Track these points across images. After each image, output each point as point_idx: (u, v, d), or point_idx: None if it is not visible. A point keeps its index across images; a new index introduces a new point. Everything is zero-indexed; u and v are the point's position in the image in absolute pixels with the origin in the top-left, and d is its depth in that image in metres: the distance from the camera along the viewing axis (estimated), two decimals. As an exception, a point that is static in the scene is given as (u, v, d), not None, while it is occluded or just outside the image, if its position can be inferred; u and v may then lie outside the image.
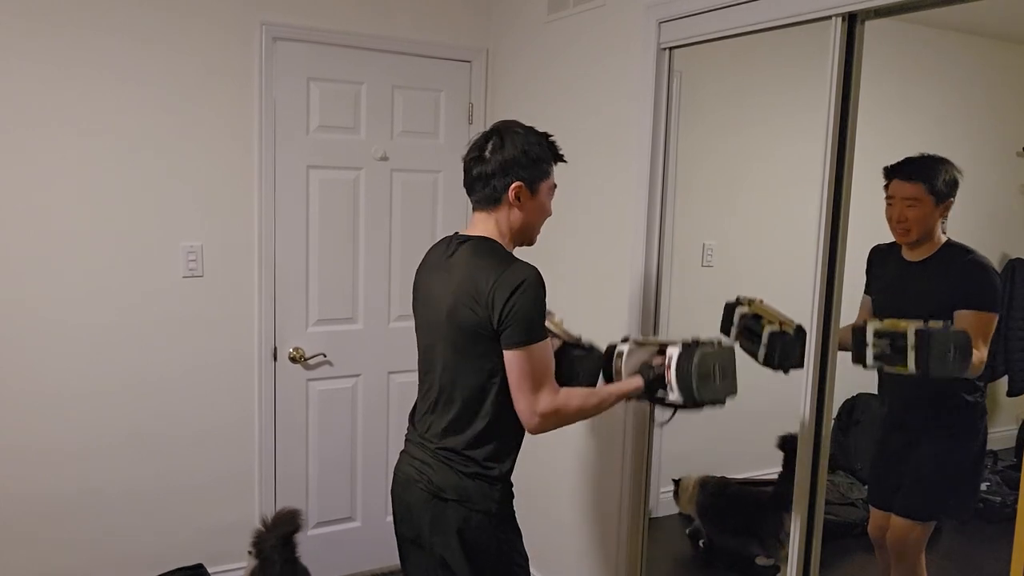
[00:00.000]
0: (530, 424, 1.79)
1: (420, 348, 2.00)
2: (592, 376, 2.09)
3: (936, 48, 2.36)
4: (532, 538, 2.03)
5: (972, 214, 2.28)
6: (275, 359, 3.05)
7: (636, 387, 1.97)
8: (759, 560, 2.66)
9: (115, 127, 2.71)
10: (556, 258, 2.85)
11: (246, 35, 2.86)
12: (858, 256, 2.29)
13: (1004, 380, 2.51)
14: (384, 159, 3.16)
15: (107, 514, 2.84)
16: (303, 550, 2.69)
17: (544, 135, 1.90)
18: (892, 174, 2.21)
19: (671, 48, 2.43)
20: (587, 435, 2.81)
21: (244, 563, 2.76)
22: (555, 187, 1.94)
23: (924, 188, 2.16)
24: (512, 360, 1.76)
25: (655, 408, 2.09)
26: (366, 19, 3.05)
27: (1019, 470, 1.55)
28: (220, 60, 2.83)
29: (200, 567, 2.96)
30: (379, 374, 3.26)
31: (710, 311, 2.67)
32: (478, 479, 1.84)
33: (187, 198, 2.85)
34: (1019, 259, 2.48)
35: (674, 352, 1.93)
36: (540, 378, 1.77)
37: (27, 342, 2.66)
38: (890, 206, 2.22)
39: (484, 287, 1.75)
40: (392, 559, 3.26)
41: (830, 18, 1.90)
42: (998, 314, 2.12)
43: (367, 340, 3.22)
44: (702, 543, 2.84)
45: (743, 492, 2.74)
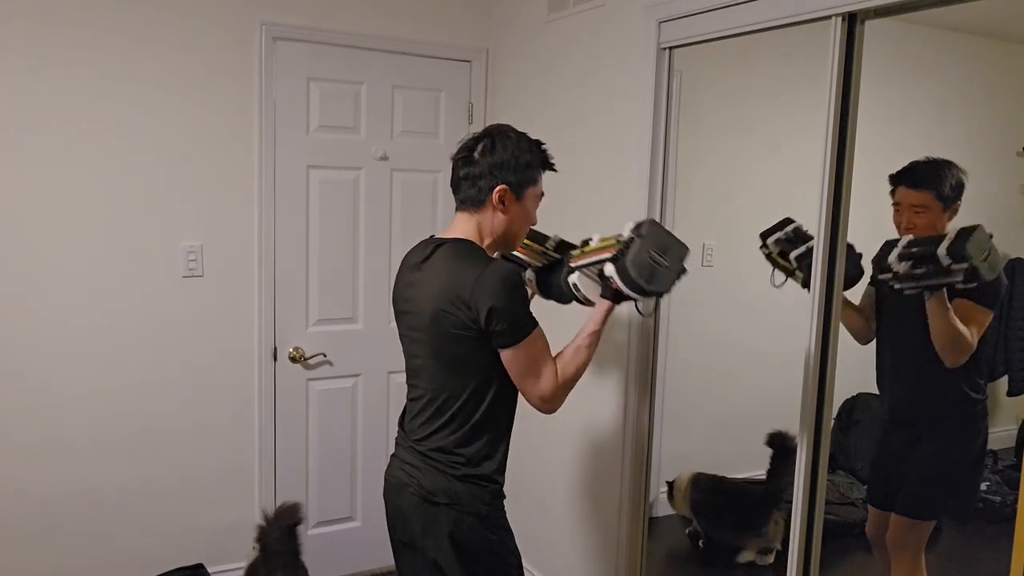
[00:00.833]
0: (542, 409, 1.85)
1: (405, 354, 1.99)
2: (562, 296, 2.11)
3: (936, 48, 2.36)
4: (533, 538, 2.03)
5: (972, 214, 2.27)
6: (275, 359, 3.05)
7: (607, 310, 1.96)
8: (740, 557, 2.67)
9: (115, 127, 2.71)
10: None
11: (246, 35, 2.86)
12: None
13: (1004, 380, 2.51)
14: (384, 159, 3.16)
15: (107, 514, 2.84)
16: (303, 550, 2.70)
17: (536, 143, 1.90)
18: (898, 181, 2.19)
19: (671, 48, 2.43)
20: (587, 435, 2.81)
21: (244, 563, 2.76)
22: (542, 195, 1.93)
23: (932, 195, 2.13)
24: (509, 358, 1.79)
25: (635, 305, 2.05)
26: (366, 19, 3.05)
27: (1019, 470, 1.55)
28: (220, 60, 2.83)
29: (200, 567, 2.96)
30: (379, 374, 3.26)
31: (710, 311, 2.68)
32: (468, 481, 1.84)
33: (187, 198, 2.85)
34: (1019, 259, 2.47)
35: (611, 271, 1.89)
36: (539, 367, 1.81)
37: (27, 342, 2.66)
38: (897, 212, 2.20)
39: (465, 290, 1.75)
40: (391, 559, 3.27)
41: (830, 18, 1.90)
42: (993, 314, 2.11)
43: (367, 340, 3.22)
44: (701, 543, 2.84)
45: (736, 488, 2.75)
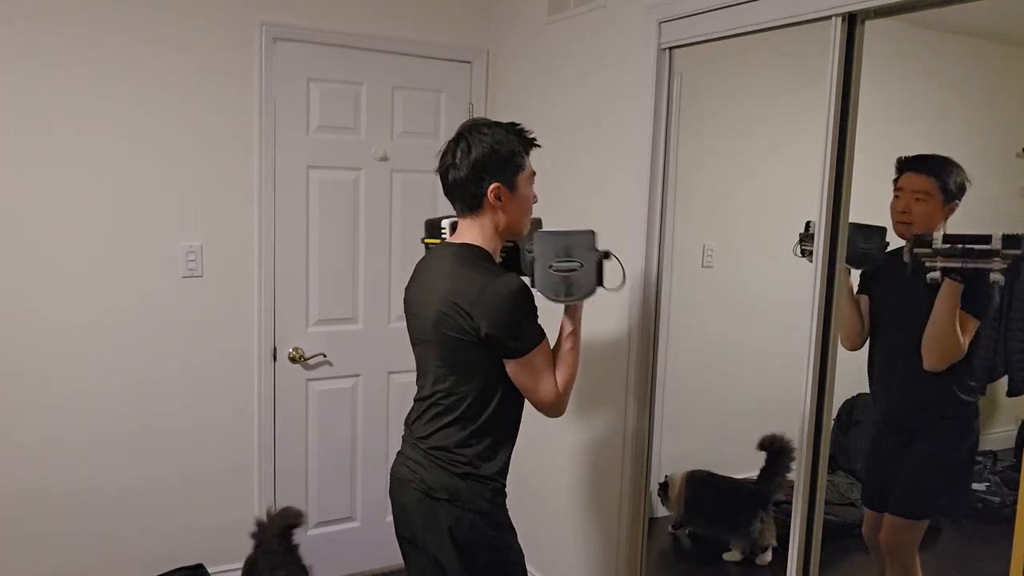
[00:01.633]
0: (550, 414, 1.89)
1: (415, 356, 2.04)
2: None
3: (936, 49, 2.36)
4: (533, 538, 2.03)
5: (972, 215, 2.27)
6: (275, 359, 3.05)
7: (575, 314, 1.96)
8: (726, 556, 2.67)
9: (115, 127, 2.71)
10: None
11: (246, 35, 2.86)
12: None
13: (1004, 380, 2.51)
14: (384, 159, 3.16)
15: (107, 514, 2.84)
16: (303, 550, 2.70)
17: (511, 126, 1.88)
18: (906, 165, 2.20)
19: (671, 48, 2.43)
20: (587, 435, 2.81)
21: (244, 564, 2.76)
22: (534, 174, 1.92)
23: (936, 183, 2.16)
24: (515, 370, 1.82)
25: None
26: (366, 19, 3.05)
27: (1018, 470, 1.55)
28: (220, 60, 2.83)
29: (200, 567, 2.96)
30: (379, 374, 3.26)
31: (710, 312, 2.68)
32: (469, 479, 1.85)
33: (187, 198, 2.85)
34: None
35: (536, 275, 1.92)
36: (542, 378, 1.83)
37: (27, 342, 2.66)
38: (897, 198, 2.21)
39: (466, 298, 1.77)
40: (392, 559, 3.28)
41: (830, 18, 1.90)
42: (980, 323, 2.12)
43: (367, 340, 3.22)
44: (688, 534, 2.85)
45: (728, 486, 2.75)
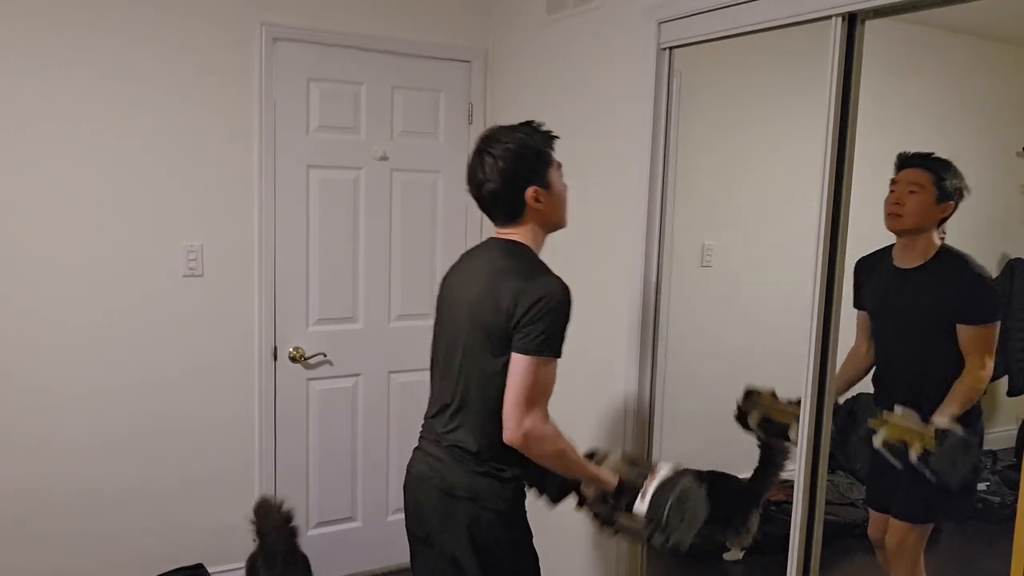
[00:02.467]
0: (512, 436, 1.76)
1: (440, 346, 1.97)
2: (557, 489, 2.03)
3: (936, 48, 2.36)
4: (534, 538, 2.03)
5: (972, 214, 2.27)
6: (275, 359, 3.05)
7: (608, 481, 1.93)
8: (727, 555, 2.67)
9: (115, 127, 2.71)
10: (555, 258, 2.85)
11: (246, 35, 2.86)
12: (857, 256, 2.28)
13: (1004, 380, 2.51)
14: (384, 159, 3.16)
15: (107, 514, 2.84)
16: (304, 549, 2.70)
17: (526, 125, 1.88)
18: (906, 162, 2.22)
19: (671, 48, 2.42)
20: (587, 436, 2.81)
21: (244, 564, 2.76)
22: (560, 166, 1.92)
23: (931, 178, 2.16)
24: (517, 364, 1.75)
25: (603, 515, 2.00)
26: (366, 19, 3.05)
27: (1019, 470, 1.54)
28: (220, 60, 2.83)
29: (200, 567, 2.96)
30: (379, 374, 3.27)
31: (710, 312, 2.68)
32: (490, 477, 1.84)
33: (187, 198, 2.85)
34: (1019, 259, 2.48)
35: (665, 468, 1.90)
36: (538, 394, 1.76)
37: (27, 342, 2.66)
38: (892, 192, 2.22)
39: (509, 291, 1.75)
40: (392, 559, 3.29)
41: (830, 18, 1.90)
42: (999, 321, 2.12)
43: (367, 340, 3.22)
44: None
45: (720, 483, 2.75)
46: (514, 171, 1.82)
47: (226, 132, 2.87)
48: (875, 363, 2.34)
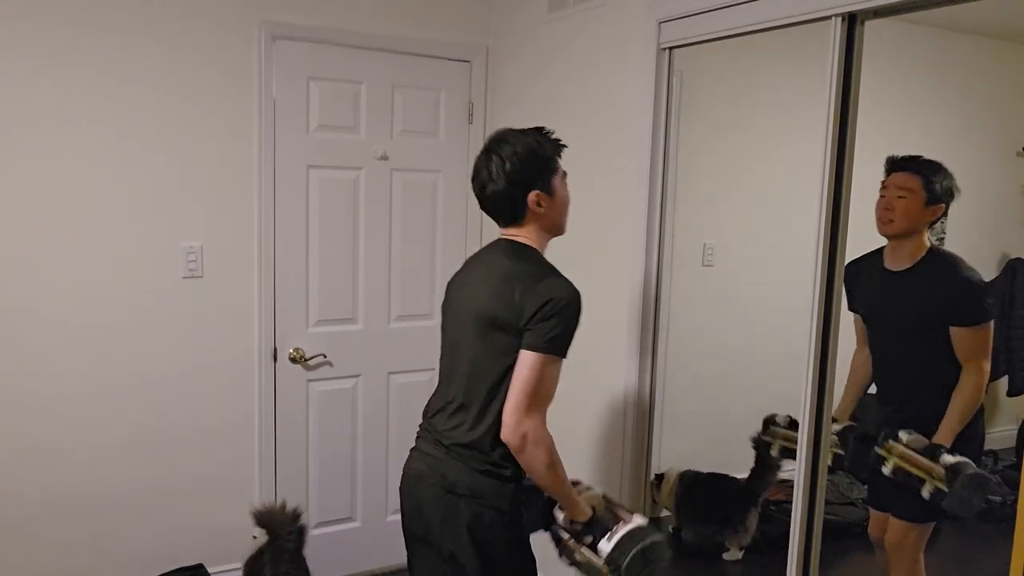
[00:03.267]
0: (510, 436, 1.77)
1: (445, 345, 2.00)
2: (534, 520, 2.03)
3: (936, 48, 2.36)
4: (533, 538, 2.03)
5: (972, 213, 2.28)
6: (275, 359, 3.05)
7: (583, 511, 1.93)
8: (726, 555, 2.68)
9: (115, 127, 2.71)
10: (555, 258, 2.85)
11: (246, 34, 2.86)
12: (858, 255, 2.28)
13: (1004, 380, 2.51)
14: (384, 159, 3.16)
15: (107, 514, 2.84)
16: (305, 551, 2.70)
17: (536, 131, 1.90)
18: (894, 166, 2.22)
19: (671, 48, 2.42)
20: (587, 435, 2.81)
21: (244, 559, 2.76)
22: (566, 174, 1.94)
23: (920, 182, 2.17)
24: (524, 361, 1.76)
25: (565, 542, 2.00)
26: (366, 18, 3.05)
27: (1019, 470, 1.54)
28: (220, 59, 2.83)
29: (200, 567, 2.96)
30: (379, 374, 3.26)
31: (710, 311, 2.68)
32: (491, 476, 1.84)
33: (187, 198, 2.85)
34: (1019, 259, 2.48)
35: (640, 519, 1.91)
36: (541, 396, 1.77)
37: (27, 342, 2.66)
38: (882, 197, 2.23)
39: (518, 290, 1.77)
40: (392, 559, 3.28)
41: (830, 18, 1.90)
42: (992, 320, 2.12)
43: (367, 340, 3.22)
44: (681, 534, 2.86)
45: (719, 484, 2.75)
46: (519, 174, 1.83)
47: (226, 132, 2.87)
48: (873, 366, 2.34)
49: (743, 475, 2.70)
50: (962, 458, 2.01)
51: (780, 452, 2.39)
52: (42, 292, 2.66)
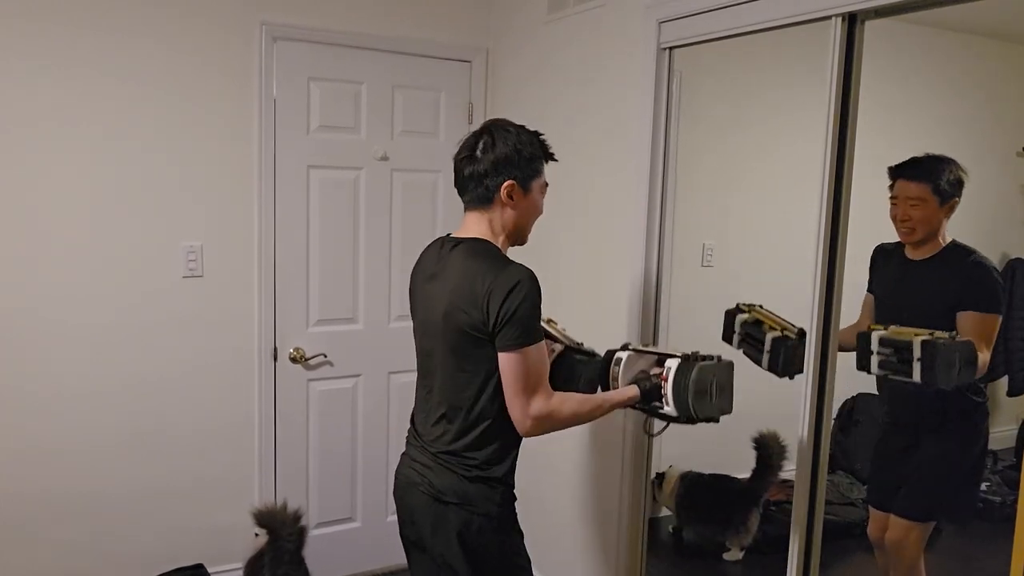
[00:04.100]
0: (523, 427, 1.79)
1: (418, 352, 2.00)
2: (592, 383, 2.08)
3: (936, 48, 2.36)
4: (532, 538, 2.03)
5: (973, 214, 2.27)
6: (275, 359, 3.05)
7: (631, 397, 1.96)
8: (726, 555, 2.68)
9: (115, 127, 2.71)
10: (555, 258, 2.85)
11: (246, 35, 2.86)
12: (857, 256, 2.28)
13: (1004, 380, 2.51)
14: (384, 159, 3.16)
15: (107, 514, 2.84)
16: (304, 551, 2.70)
17: (535, 134, 1.90)
18: (897, 174, 2.21)
19: (671, 48, 2.42)
20: (587, 436, 2.81)
21: (244, 559, 2.76)
22: (547, 186, 1.94)
23: (929, 188, 2.16)
24: (506, 362, 1.76)
25: (649, 419, 2.09)
26: (366, 19, 3.05)
27: (1019, 470, 1.54)
28: (220, 60, 2.83)
29: (200, 567, 2.96)
30: (379, 374, 3.26)
31: (710, 311, 2.67)
32: (479, 482, 1.84)
33: (187, 198, 2.85)
34: (1019, 259, 2.48)
35: (673, 364, 1.92)
36: (534, 381, 1.77)
37: (27, 342, 2.66)
38: (894, 206, 2.22)
39: (480, 290, 1.75)
40: (392, 559, 3.29)
41: (830, 18, 1.90)
42: (1000, 315, 2.12)
43: (367, 340, 3.22)
44: (683, 534, 2.86)
45: (720, 484, 2.76)
46: (505, 160, 1.83)
47: (226, 132, 2.87)
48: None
49: (744, 475, 2.70)
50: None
51: (740, 342, 2.35)
52: (42, 292, 2.67)
